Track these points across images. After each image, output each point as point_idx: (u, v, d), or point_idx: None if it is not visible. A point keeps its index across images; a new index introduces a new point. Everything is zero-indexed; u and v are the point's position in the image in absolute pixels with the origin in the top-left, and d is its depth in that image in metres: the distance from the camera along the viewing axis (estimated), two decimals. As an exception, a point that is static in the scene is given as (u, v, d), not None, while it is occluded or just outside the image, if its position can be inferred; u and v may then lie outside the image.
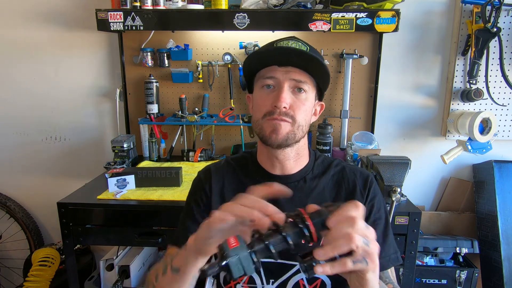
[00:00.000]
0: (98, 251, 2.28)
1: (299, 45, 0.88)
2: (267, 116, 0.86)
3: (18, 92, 2.15)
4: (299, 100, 0.86)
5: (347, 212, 0.56)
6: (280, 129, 0.85)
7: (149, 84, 1.97)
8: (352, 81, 1.99)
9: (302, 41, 0.90)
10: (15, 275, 2.38)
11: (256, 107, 0.90)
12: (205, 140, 2.15)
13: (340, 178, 0.95)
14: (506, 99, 1.97)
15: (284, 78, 0.85)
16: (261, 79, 0.88)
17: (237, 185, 0.96)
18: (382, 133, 2.08)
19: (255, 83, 0.92)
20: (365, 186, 0.94)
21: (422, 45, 1.98)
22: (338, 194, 0.93)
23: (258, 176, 0.95)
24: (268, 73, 0.87)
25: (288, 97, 0.85)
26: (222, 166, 1.01)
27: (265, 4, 1.75)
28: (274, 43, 0.89)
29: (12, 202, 2.27)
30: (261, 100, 0.88)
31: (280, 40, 0.89)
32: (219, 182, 0.97)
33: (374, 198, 0.93)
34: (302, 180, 0.94)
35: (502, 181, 1.93)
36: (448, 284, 1.85)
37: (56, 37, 2.06)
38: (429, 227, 2.07)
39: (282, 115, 0.85)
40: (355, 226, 0.54)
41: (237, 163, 1.01)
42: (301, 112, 0.87)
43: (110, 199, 1.54)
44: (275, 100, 0.85)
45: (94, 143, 2.21)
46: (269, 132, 0.86)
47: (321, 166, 0.97)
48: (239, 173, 0.98)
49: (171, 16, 1.77)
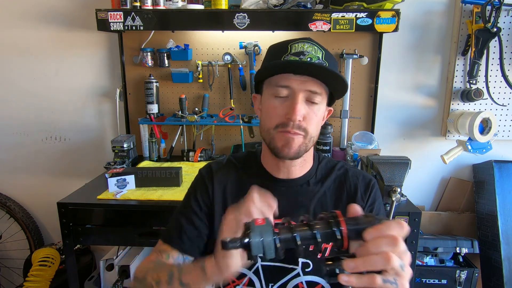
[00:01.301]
0: (98, 251, 2.28)
1: (315, 49, 0.84)
2: (280, 128, 0.83)
3: (18, 92, 2.15)
4: (312, 112, 0.84)
5: (390, 230, 0.52)
6: (293, 143, 0.83)
7: (149, 84, 1.97)
8: (352, 81, 1.99)
9: (318, 45, 0.86)
10: (15, 275, 2.38)
11: (267, 115, 0.87)
12: (205, 140, 2.15)
13: (342, 182, 0.95)
14: (506, 99, 1.97)
15: (299, 89, 0.81)
16: (273, 87, 0.84)
17: (239, 186, 0.94)
18: (382, 133, 2.08)
19: (266, 87, 0.88)
20: (367, 191, 0.93)
21: (422, 45, 1.98)
22: (339, 197, 0.93)
23: (261, 179, 0.94)
24: (282, 81, 0.82)
25: (302, 108, 0.82)
26: (224, 165, 0.99)
27: (265, 4, 1.75)
28: (289, 45, 0.85)
29: (12, 202, 2.27)
30: (273, 109, 0.84)
31: (295, 42, 0.85)
32: (221, 183, 0.95)
33: (374, 203, 0.93)
34: (306, 184, 0.93)
35: (502, 181, 1.93)
36: (448, 284, 1.85)
37: (56, 37, 2.06)
38: (429, 227, 2.07)
39: (295, 128, 0.82)
40: (396, 247, 0.51)
41: (240, 163, 0.99)
42: (314, 123, 0.85)
43: (110, 199, 1.54)
44: (289, 112, 0.81)
45: (94, 143, 2.21)
46: (282, 146, 0.84)
47: (324, 169, 0.97)
48: (242, 174, 0.97)
49: (171, 16, 1.77)
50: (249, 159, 1.00)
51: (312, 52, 0.83)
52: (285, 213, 0.89)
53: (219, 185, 0.95)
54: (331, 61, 0.86)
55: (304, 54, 0.83)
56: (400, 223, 0.53)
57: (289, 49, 0.84)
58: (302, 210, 0.90)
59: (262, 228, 0.53)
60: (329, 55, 0.87)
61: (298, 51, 0.83)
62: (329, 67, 0.81)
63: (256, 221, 0.53)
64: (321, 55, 0.84)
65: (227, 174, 0.96)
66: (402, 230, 0.53)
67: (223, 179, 0.96)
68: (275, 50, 0.87)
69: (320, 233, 0.54)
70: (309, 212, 0.90)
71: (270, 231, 0.53)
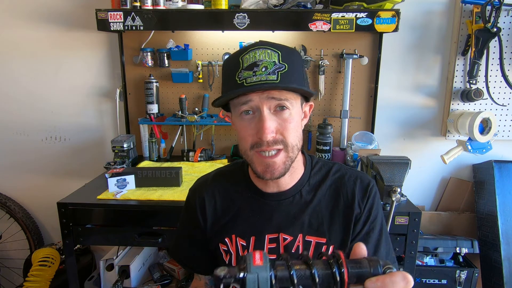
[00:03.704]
0: (98, 251, 2.28)
1: (268, 54, 0.78)
2: (256, 148, 0.80)
3: (18, 92, 2.15)
4: (284, 120, 0.79)
5: (393, 283, 0.49)
6: (274, 166, 0.80)
7: (149, 84, 1.97)
8: (352, 81, 1.99)
9: (272, 47, 0.79)
10: (15, 275, 2.38)
11: (240, 136, 0.84)
12: (205, 140, 2.15)
13: (338, 188, 0.90)
14: (506, 99, 1.97)
15: (261, 100, 0.77)
16: (236, 106, 0.80)
17: (228, 203, 0.93)
18: (382, 133, 2.08)
19: (232, 107, 0.84)
20: (364, 196, 0.89)
21: (422, 45, 1.98)
22: (335, 206, 0.89)
23: (250, 194, 0.92)
24: (242, 98, 0.78)
25: (271, 124, 0.77)
26: (211, 183, 0.97)
27: (265, 4, 1.75)
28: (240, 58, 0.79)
29: (12, 202, 2.27)
30: (243, 130, 0.81)
31: (246, 52, 0.79)
32: (210, 203, 0.94)
33: (372, 208, 0.89)
34: (298, 195, 0.90)
35: (502, 181, 1.93)
36: (448, 284, 1.85)
37: (56, 37, 2.06)
38: (429, 227, 2.07)
39: (271, 144, 0.78)
40: None
41: (226, 179, 0.97)
42: (291, 131, 0.80)
43: (110, 199, 1.54)
44: (258, 132, 0.78)
45: (94, 143, 2.21)
46: (262, 171, 0.81)
47: (318, 175, 0.93)
48: (230, 190, 0.94)
49: (171, 16, 1.77)
50: (237, 174, 0.97)
51: (266, 58, 0.77)
52: (279, 228, 0.89)
53: (209, 206, 0.94)
54: (290, 61, 0.79)
55: (258, 65, 0.76)
56: (405, 276, 0.49)
57: (241, 63, 0.78)
58: (296, 224, 0.88)
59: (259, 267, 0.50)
60: (287, 54, 0.80)
61: (251, 63, 0.77)
62: (280, 84, 0.75)
63: (254, 256, 0.51)
64: (277, 58, 0.78)
65: (214, 194, 0.95)
66: (407, 284, 0.49)
67: (212, 196, 0.95)
68: (228, 68, 0.82)
69: (319, 273, 0.50)
70: (305, 224, 0.88)
71: (267, 268, 0.50)
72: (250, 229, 0.90)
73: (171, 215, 1.50)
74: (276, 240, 0.89)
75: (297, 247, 0.88)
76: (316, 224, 0.88)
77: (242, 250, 0.90)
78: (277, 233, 0.88)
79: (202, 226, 0.95)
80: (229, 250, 0.92)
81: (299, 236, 0.88)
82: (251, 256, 0.51)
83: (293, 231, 0.88)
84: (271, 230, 0.89)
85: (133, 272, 1.80)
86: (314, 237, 0.87)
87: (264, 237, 0.89)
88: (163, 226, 1.52)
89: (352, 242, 0.88)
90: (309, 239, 0.87)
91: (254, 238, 0.89)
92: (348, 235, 0.88)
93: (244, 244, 0.90)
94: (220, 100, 0.81)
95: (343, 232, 0.88)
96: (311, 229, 0.88)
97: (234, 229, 0.91)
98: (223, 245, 0.92)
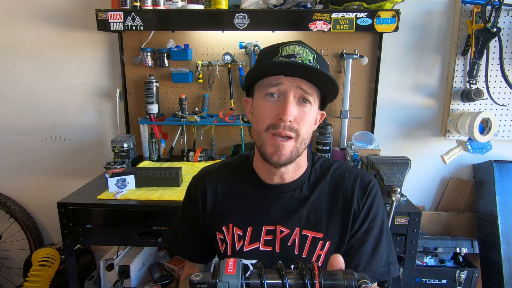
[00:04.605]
0: (98, 251, 2.28)
1: (306, 52, 0.84)
2: (271, 130, 0.82)
3: (18, 92, 2.15)
4: (304, 112, 0.83)
5: None
6: (283, 150, 0.82)
7: (149, 84, 1.97)
8: (352, 81, 1.99)
9: (309, 47, 0.86)
10: (15, 275, 2.38)
11: (258, 116, 0.85)
12: (205, 140, 2.15)
13: (338, 185, 0.92)
14: (506, 99, 1.97)
15: (290, 87, 0.81)
16: (264, 87, 0.84)
17: (230, 191, 0.95)
18: (382, 133, 2.08)
19: (257, 89, 0.87)
20: (364, 194, 0.90)
21: (422, 45, 1.98)
22: (334, 203, 0.90)
23: (252, 185, 0.93)
24: (273, 80, 0.82)
25: (294, 109, 0.81)
26: (216, 171, 0.99)
27: (265, 4, 1.75)
28: (280, 48, 0.84)
29: (12, 202, 2.27)
30: (264, 110, 0.83)
31: (286, 45, 0.85)
32: (212, 192, 0.96)
33: (371, 207, 0.89)
34: (299, 189, 0.92)
35: (502, 181, 1.93)
36: (448, 284, 1.85)
37: (56, 37, 2.06)
38: (429, 227, 2.07)
39: (287, 129, 0.81)
40: None
41: (230, 170, 0.99)
42: (305, 125, 0.83)
43: (110, 199, 1.54)
44: (280, 112, 0.80)
45: (94, 143, 2.21)
46: (271, 153, 0.83)
47: (318, 171, 0.94)
48: (233, 180, 0.96)
49: (171, 16, 1.77)
50: (241, 164, 0.99)
51: (303, 54, 0.83)
52: (277, 220, 0.90)
53: (211, 194, 0.96)
54: (322, 64, 0.86)
55: (295, 57, 0.82)
56: None
57: (280, 51, 0.84)
58: (294, 217, 0.89)
59: (231, 275, 0.51)
60: (321, 58, 0.86)
61: (289, 53, 0.83)
62: (322, 70, 0.80)
63: (227, 265, 0.52)
64: (312, 58, 0.83)
65: (218, 180, 0.97)
66: None
67: (214, 186, 0.96)
68: (266, 52, 0.87)
69: (291, 283, 0.51)
70: (302, 218, 0.89)
71: (238, 277, 0.51)
72: (248, 219, 0.91)
73: (171, 215, 1.48)
74: (273, 232, 0.90)
75: (293, 240, 0.89)
76: (314, 219, 0.89)
77: (238, 240, 0.91)
78: (274, 225, 0.90)
79: (201, 213, 0.96)
80: (225, 239, 0.93)
81: (296, 230, 0.89)
82: (224, 264, 0.52)
83: (290, 224, 0.89)
84: (269, 222, 0.90)
85: (133, 272, 1.80)
86: (311, 231, 0.89)
87: (261, 228, 0.90)
88: (163, 226, 1.53)
89: (350, 239, 0.89)
90: (306, 233, 0.89)
91: (251, 228, 0.91)
92: (346, 232, 0.88)
93: (241, 233, 0.91)
94: (255, 73, 0.85)
95: (341, 229, 0.89)
96: (309, 224, 0.89)
97: (232, 218, 0.93)
98: (220, 234, 0.94)
